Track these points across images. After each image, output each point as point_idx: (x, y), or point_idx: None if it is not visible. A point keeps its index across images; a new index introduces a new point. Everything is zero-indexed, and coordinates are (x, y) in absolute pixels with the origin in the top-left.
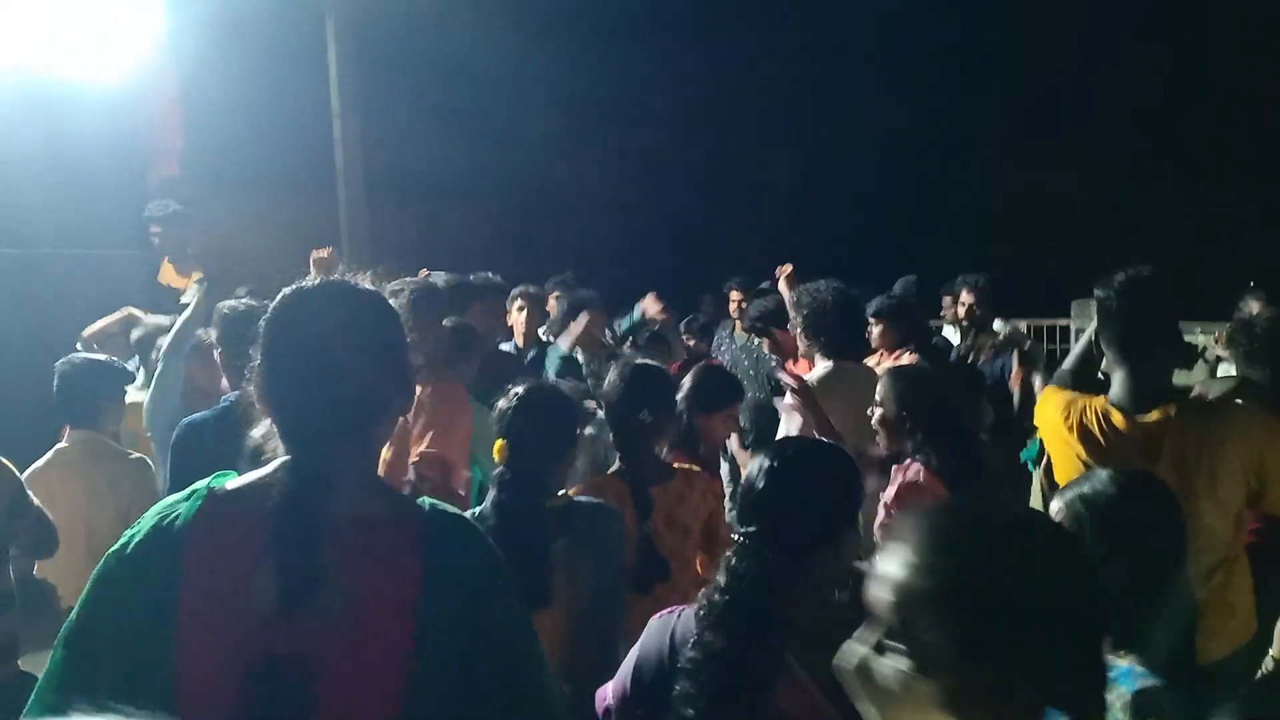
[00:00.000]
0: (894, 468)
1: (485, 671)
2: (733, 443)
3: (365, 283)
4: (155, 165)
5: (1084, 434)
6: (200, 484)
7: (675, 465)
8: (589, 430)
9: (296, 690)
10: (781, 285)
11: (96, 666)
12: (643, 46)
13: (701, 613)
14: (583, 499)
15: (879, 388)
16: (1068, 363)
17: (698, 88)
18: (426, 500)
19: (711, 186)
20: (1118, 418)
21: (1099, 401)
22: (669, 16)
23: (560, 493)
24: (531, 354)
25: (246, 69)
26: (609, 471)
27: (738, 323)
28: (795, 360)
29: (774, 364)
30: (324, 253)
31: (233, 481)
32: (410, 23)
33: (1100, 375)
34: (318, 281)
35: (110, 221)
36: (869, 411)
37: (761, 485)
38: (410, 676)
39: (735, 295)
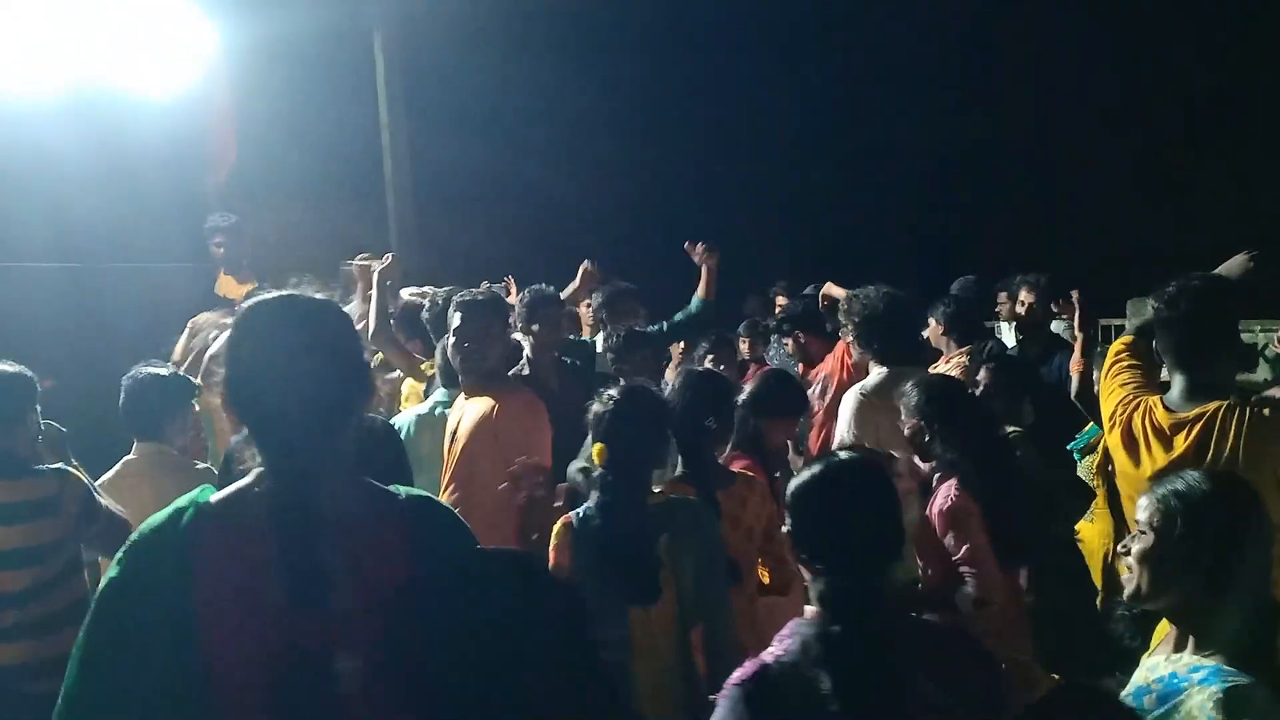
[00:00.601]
0: (934, 479)
1: (481, 638)
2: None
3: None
4: (208, 178)
5: (1127, 432)
6: (183, 500)
7: (734, 469)
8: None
9: (325, 676)
10: (831, 289)
11: (120, 688)
12: (682, 62)
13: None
14: (677, 496)
15: (902, 400)
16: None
17: (737, 101)
18: (400, 488)
19: (753, 196)
20: (1161, 414)
21: (1154, 400)
22: (708, 32)
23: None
24: None
25: (296, 82)
26: (672, 477)
27: None
28: (814, 365)
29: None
30: (363, 260)
31: (216, 495)
32: (455, 37)
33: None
34: (272, 295)
35: (165, 235)
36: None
37: (821, 510)
38: (417, 663)
39: (781, 300)
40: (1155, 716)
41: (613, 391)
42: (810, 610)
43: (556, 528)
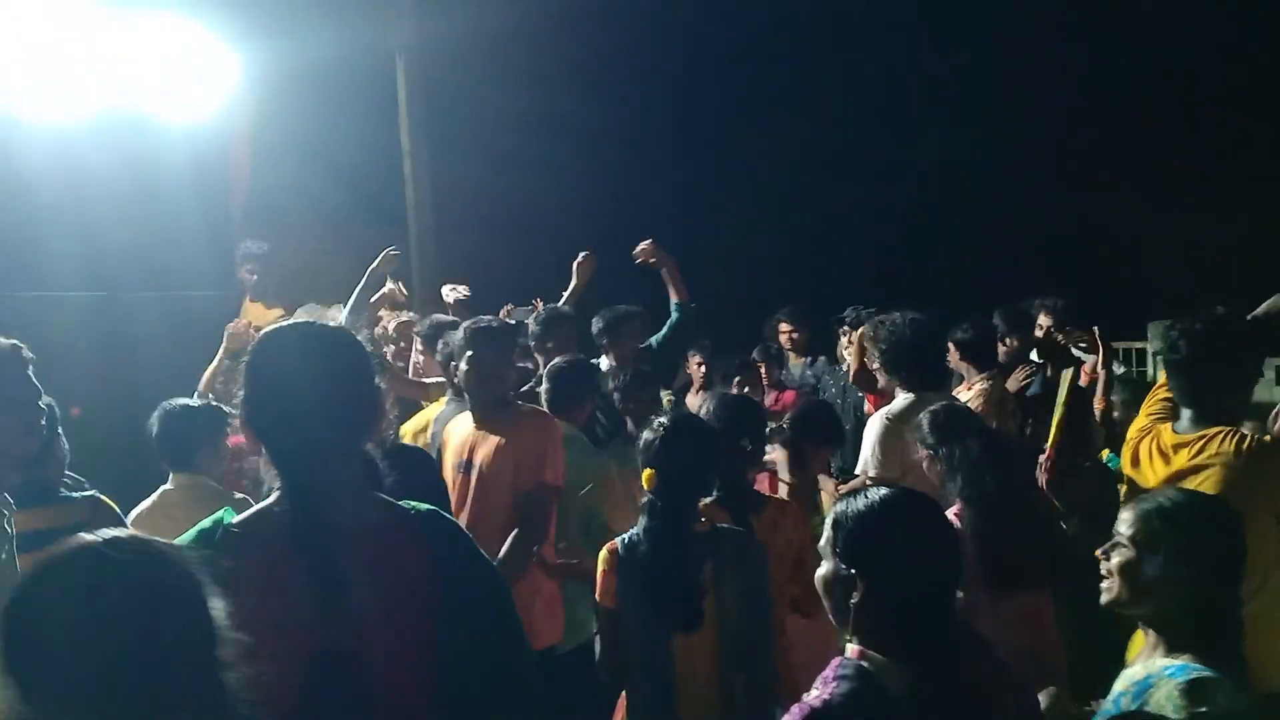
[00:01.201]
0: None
1: (490, 648)
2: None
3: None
4: (233, 206)
5: (1134, 454)
6: (207, 522)
7: (767, 494)
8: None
9: (348, 681)
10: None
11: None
12: (703, 85)
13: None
14: (724, 526)
15: (915, 431)
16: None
17: (756, 124)
18: (410, 503)
19: (772, 218)
20: (1167, 436)
21: (1165, 426)
22: (728, 54)
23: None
24: None
25: (320, 109)
26: (707, 501)
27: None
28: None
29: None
30: (389, 288)
31: (239, 517)
32: (476, 63)
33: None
34: (290, 324)
35: (191, 262)
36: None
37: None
38: (439, 663)
39: (785, 327)
40: (1113, 708)
41: (663, 419)
42: (855, 649)
43: (603, 554)
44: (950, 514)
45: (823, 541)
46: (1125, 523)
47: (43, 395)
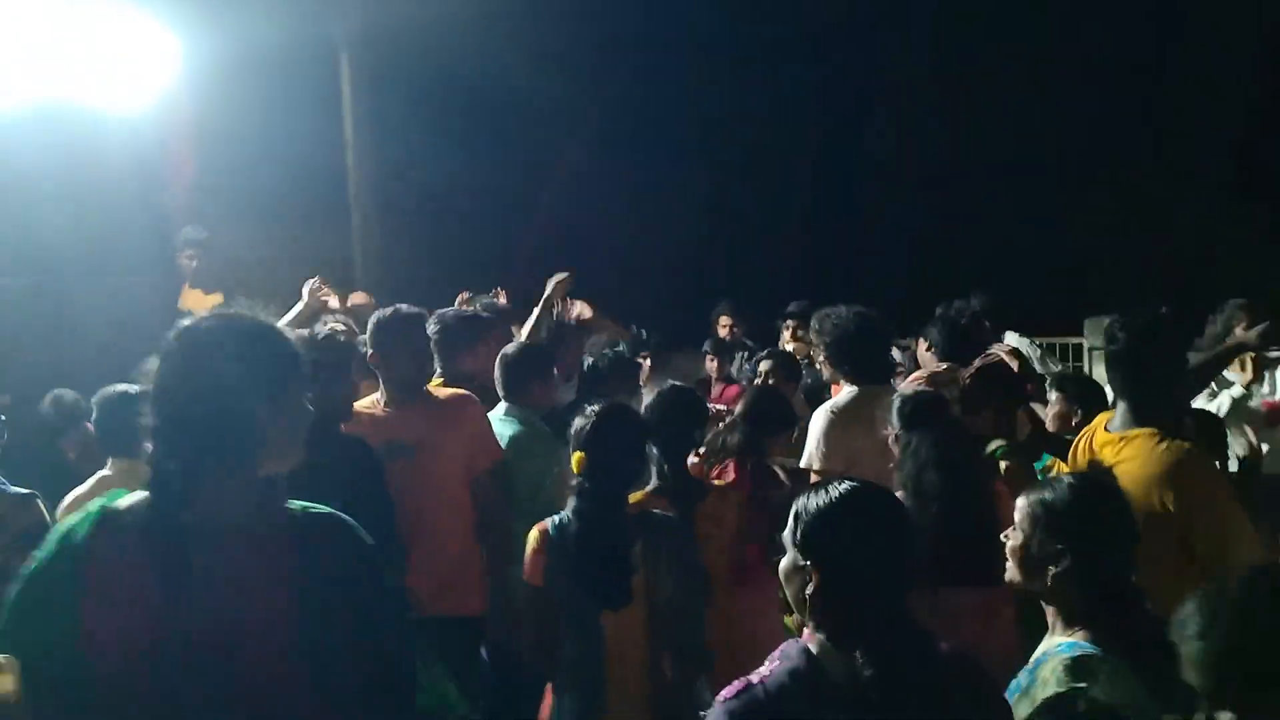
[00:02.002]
0: None
1: (354, 658)
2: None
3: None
4: (172, 194)
5: (1073, 453)
6: (94, 504)
7: (712, 482)
8: None
9: (187, 669)
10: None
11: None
12: (654, 70)
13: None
14: (654, 510)
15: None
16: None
17: (708, 111)
18: (299, 504)
19: (722, 210)
20: (1100, 435)
21: (1102, 423)
22: (681, 40)
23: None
24: None
25: (261, 99)
26: (648, 490)
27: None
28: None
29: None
30: (314, 283)
31: (124, 500)
32: (422, 53)
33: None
34: (212, 316)
35: (129, 248)
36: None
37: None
38: (286, 659)
39: (725, 320)
40: (1017, 685)
41: (594, 406)
42: (807, 634)
43: (532, 534)
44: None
45: (785, 532)
46: (1020, 508)
47: None
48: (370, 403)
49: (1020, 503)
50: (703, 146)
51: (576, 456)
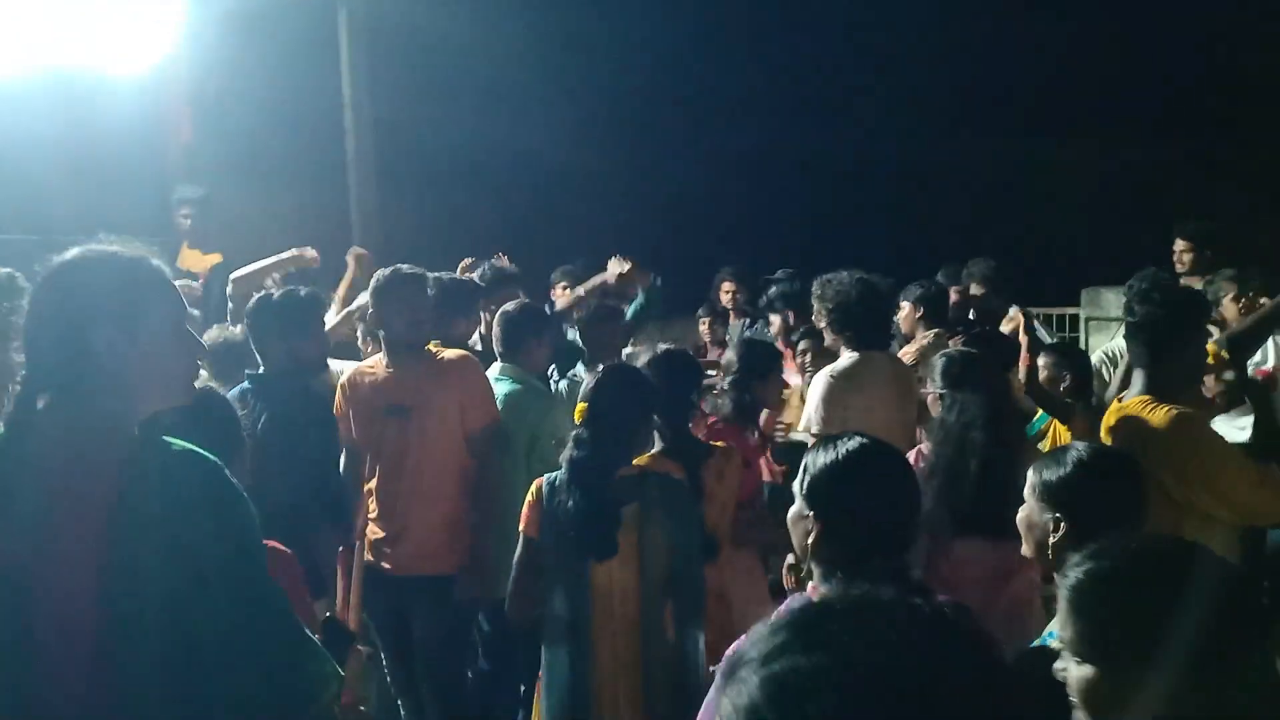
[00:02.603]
0: None
1: (186, 594)
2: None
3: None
4: (172, 154)
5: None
6: None
7: (715, 442)
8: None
9: (9, 603)
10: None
11: None
12: (657, 28)
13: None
14: (653, 471)
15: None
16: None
17: (712, 69)
18: (165, 439)
19: (724, 170)
20: (1114, 406)
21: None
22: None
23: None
24: None
25: (260, 58)
26: (654, 452)
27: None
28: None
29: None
30: (360, 251)
31: None
32: (421, 11)
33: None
34: (83, 249)
35: (129, 208)
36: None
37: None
38: (105, 587)
39: (728, 286)
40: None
41: (604, 365)
42: (812, 587)
43: (533, 487)
44: (911, 455)
45: (795, 481)
46: (1027, 481)
47: None
48: (372, 363)
49: (1029, 475)
50: (707, 104)
51: (580, 407)
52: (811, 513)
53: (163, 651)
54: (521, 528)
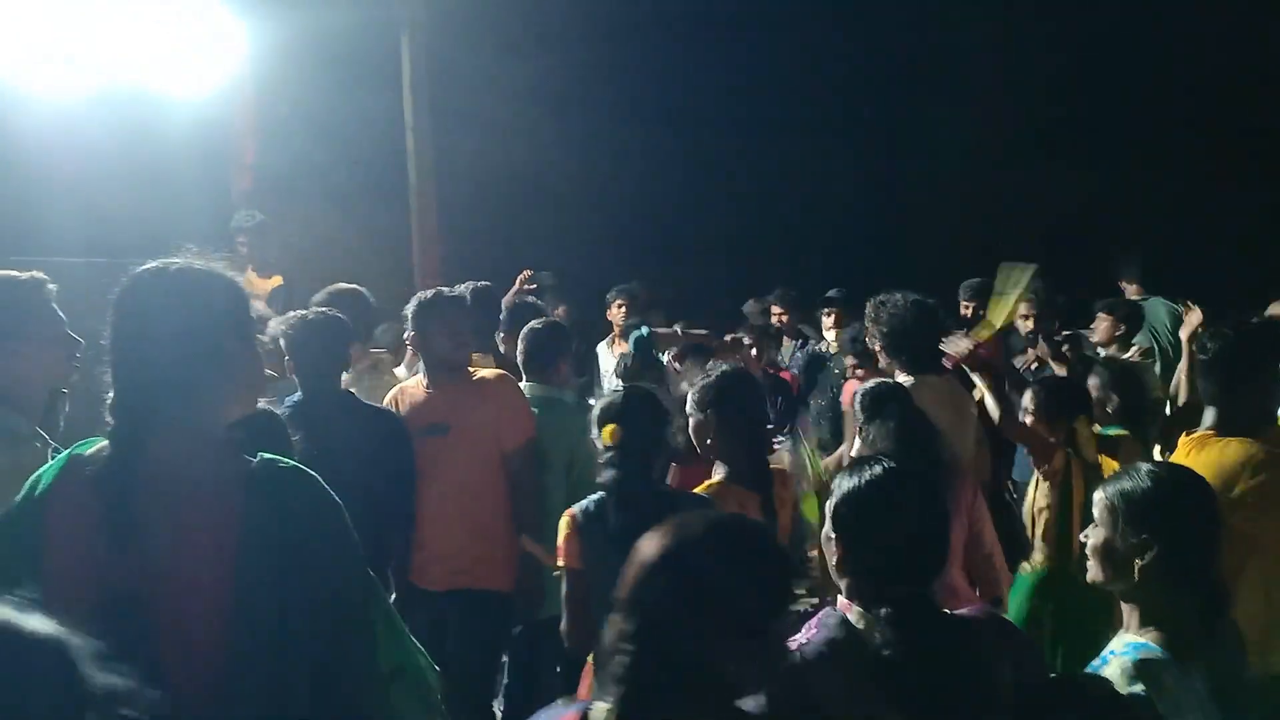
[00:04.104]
0: None
1: (308, 611)
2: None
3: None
4: (237, 178)
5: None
6: (68, 450)
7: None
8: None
9: (133, 623)
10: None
11: None
12: (709, 55)
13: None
14: (682, 491)
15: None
16: None
17: (765, 94)
18: (265, 455)
19: (778, 193)
20: (1183, 441)
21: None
22: (738, 22)
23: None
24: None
25: (323, 84)
26: (718, 479)
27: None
28: None
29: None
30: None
31: (91, 448)
32: (481, 38)
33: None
34: (163, 265)
35: (194, 231)
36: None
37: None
38: (231, 613)
39: (776, 310)
40: None
41: (618, 388)
42: (843, 602)
43: (562, 521)
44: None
45: (828, 502)
46: (1098, 502)
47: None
48: (414, 383)
49: (1098, 497)
50: (767, 127)
51: (608, 428)
52: (835, 535)
53: (276, 675)
54: (562, 562)
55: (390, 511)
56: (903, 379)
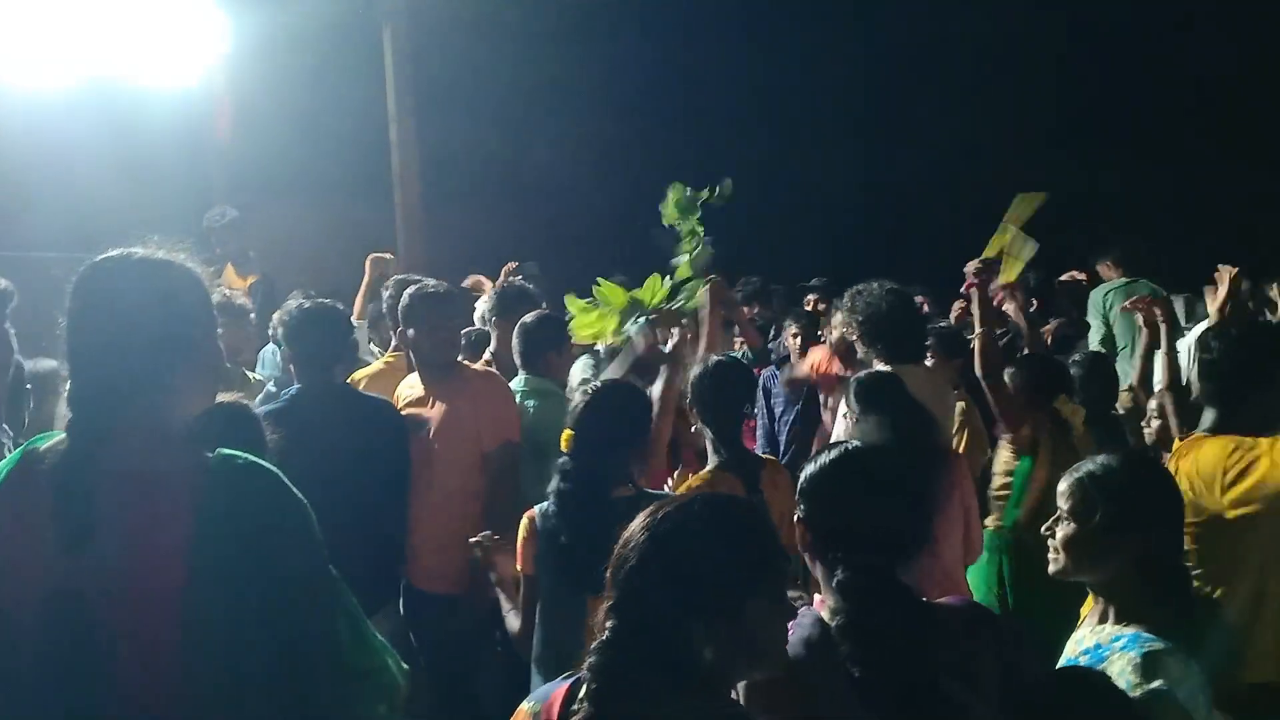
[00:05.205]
0: None
1: (264, 610)
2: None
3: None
4: (218, 170)
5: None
6: (26, 443)
7: (761, 456)
8: None
9: (79, 622)
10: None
11: None
12: (692, 47)
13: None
14: (652, 490)
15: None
16: None
17: (750, 86)
18: (223, 451)
19: (770, 187)
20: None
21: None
22: (720, 16)
23: (631, 484)
24: None
25: (305, 75)
26: (710, 468)
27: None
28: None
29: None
30: (385, 255)
31: (48, 441)
32: (465, 29)
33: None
34: (124, 254)
35: (175, 225)
36: None
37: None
38: (185, 613)
39: (810, 298)
40: None
41: (596, 383)
42: (820, 600)
43: (523, 521)
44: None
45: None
46: (1063, 495)
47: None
48: (412, 381)
49: (1062, 487)
50: (754, 121)
51: (565, 434)
52: (801, 517)
53: (231, 673)
54: (519, 565)
55: (385, 503)
56: (880, 369)
